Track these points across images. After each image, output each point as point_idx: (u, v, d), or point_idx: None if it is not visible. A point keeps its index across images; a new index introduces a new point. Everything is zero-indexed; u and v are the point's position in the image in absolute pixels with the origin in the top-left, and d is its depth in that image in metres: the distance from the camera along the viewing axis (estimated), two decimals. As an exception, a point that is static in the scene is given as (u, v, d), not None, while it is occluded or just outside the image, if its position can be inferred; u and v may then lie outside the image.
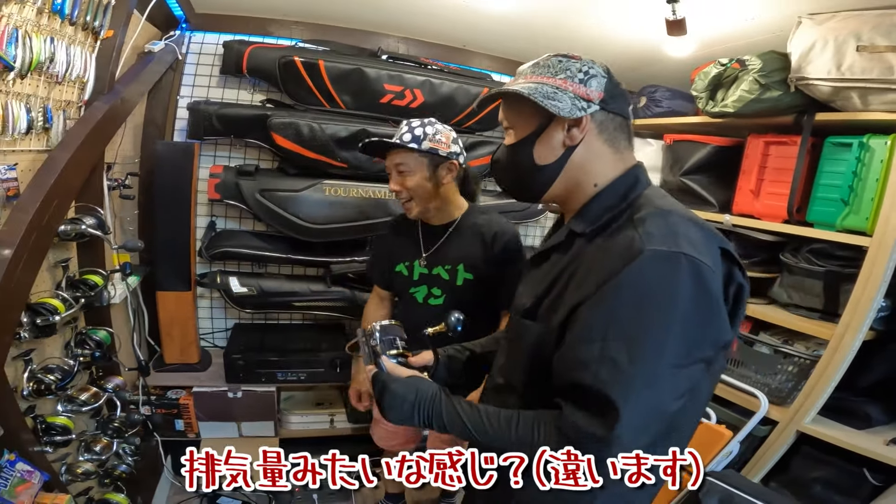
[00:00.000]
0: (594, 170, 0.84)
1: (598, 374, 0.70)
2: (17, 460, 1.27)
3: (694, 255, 0.69)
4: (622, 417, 0.69)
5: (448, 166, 1.45)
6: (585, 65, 0.83)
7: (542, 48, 0.96)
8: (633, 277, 0.70)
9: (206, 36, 2.10)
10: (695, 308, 0.70)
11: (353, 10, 2.10)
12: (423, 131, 1.41)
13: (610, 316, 0.72)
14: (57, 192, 1.26)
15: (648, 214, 0.76)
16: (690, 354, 0.72)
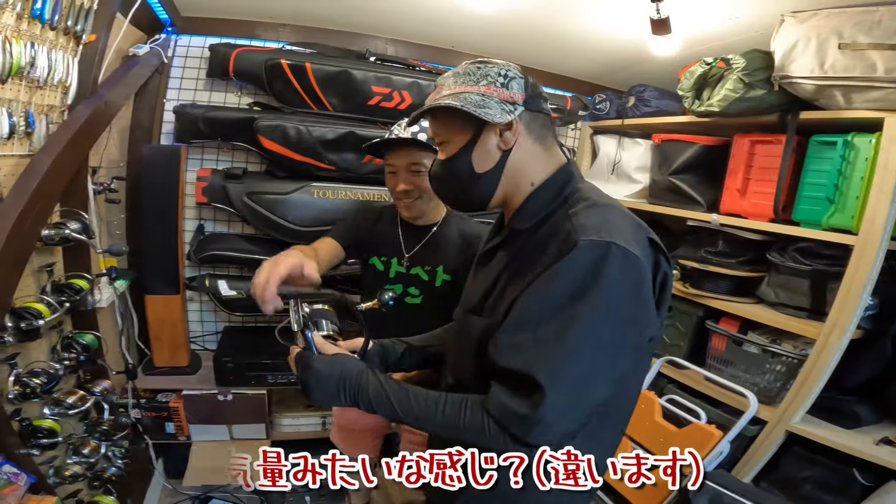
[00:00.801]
0: (529, 169, 0.87)
1: (527, 358, 0.74)
2: (3, 462, 1.27)
3: (623, 245, 0.73)
4: (546, 398, 0.71)
5: None
6: (503, 68, 0.85)
7: (529, 48, 0.98)
8: (566, 266, 0.74)
9: (192, 39, 2.11)
10: (623, 295, 0.74)
11: (340, 12, 2.10)
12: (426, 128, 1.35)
13: (543, 303, 0.75)
14: (39, 196, 1.26)
15: (582, 208, 0.80)
16: (619, 340, 0.75)
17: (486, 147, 0.85)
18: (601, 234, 0.73)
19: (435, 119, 0.90)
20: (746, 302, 1.79)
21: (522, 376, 0.74)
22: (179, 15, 2.04)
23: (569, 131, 2.68)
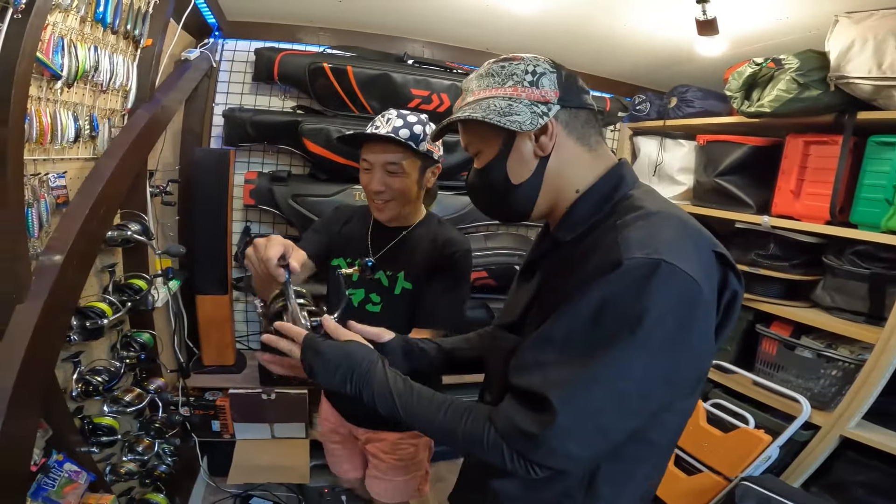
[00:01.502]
0: (573, 174, 0.77)
1: (545, 377, 0.67)
2: (65, 461, 1.30)
3: (675, 263, 0.62)
4: (556, 421, 0.64)
5: (433, 170, 1.31)
6: (530, 64, 0.75)
7: (565, 49, 0.95)
8: (606, 284, 0.64)
9: (237, 43, 2.15)
10: (667, 322, 0.63)
11: (377, 16, 2.12)
12: (423, 130, 1.22)
13: (573, 321, 0.67)
14: (104, 199, 1.29)
15: (632, 218, 0.69)
16: (653, 373, 0.65)
17: (522, 155, 0.76)
18: (649, 251, 0.63)
19: (464, 127, 0.82)
20: (800, 306, 1.76)
21: (536, 395, 0.67)
22: (226, 19, 2.08)
23: (608, 133, 2.66)
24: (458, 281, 1.27)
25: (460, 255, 1.27)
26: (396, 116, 1.22)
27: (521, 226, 2.45)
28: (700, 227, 0.72)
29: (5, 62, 1.00)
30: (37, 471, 1.22)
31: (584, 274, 0.67)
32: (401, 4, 1.96)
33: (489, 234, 2.33)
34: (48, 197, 1.20)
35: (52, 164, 1.25)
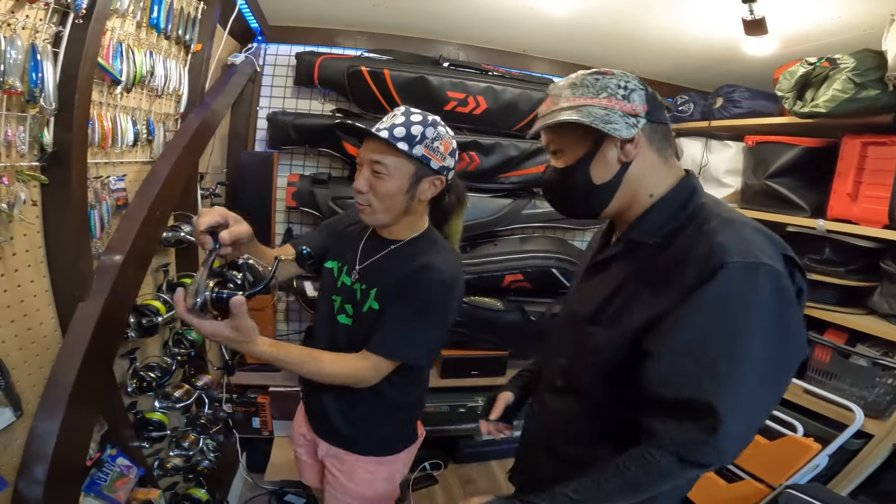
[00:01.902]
0: (649, 181, 0.86)
1: (700, 384, 0.72)
2: (118, 455, 1.34)
3: (771, 264, 0.71)
4: (724, 425, 0.70)
5: (433, 181, 1.13)
6: (622, 79, 0.83)
7: (602, 49, 0.96)
8: (719, 290, 0.71)
9: (279, 48, 2.19)
10: (778, 317, 0.71)
11: (413, 19, 2.13)
12: (423, 132, 1.07)
13: (700, 331, 0.73)
14: (160, 201, 1.34)
15: (717, 225, 0.77)
16: (780, 364, 0.74)
17: (606, 159, 0.84)
18: (747, 255, 0.71)
19: (550, 128, 0.88)
20: (856, 313, 1.69)
21: (692, 404, 0.73)
22: (268, 24, 2.12)
23: None
24: (421, 312, 1.10)
25: (431, 283, 1.09)
26: (402, 114, 1.10)
27: (559, 228, 2.42)
28: (771, 232, 0.79)
29: (68, 67, 1.04)
30: (91, 465, 1.26)
31: (685, 279, 0.74)
32: (435, 7, 1.97)
33: (525, 238, 2.33)
34: (109, 199, 1.24)
35: (113, 167, 1.29)
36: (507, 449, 2.59)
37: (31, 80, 0.95)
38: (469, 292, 2.25)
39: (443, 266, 1.11)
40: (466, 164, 2.13)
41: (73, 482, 1.16)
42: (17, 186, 0.98)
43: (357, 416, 1.23)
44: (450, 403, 2.36)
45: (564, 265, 2.25)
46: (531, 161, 2.19)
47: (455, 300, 1.14)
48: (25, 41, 0.93)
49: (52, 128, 1.04)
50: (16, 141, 0.97)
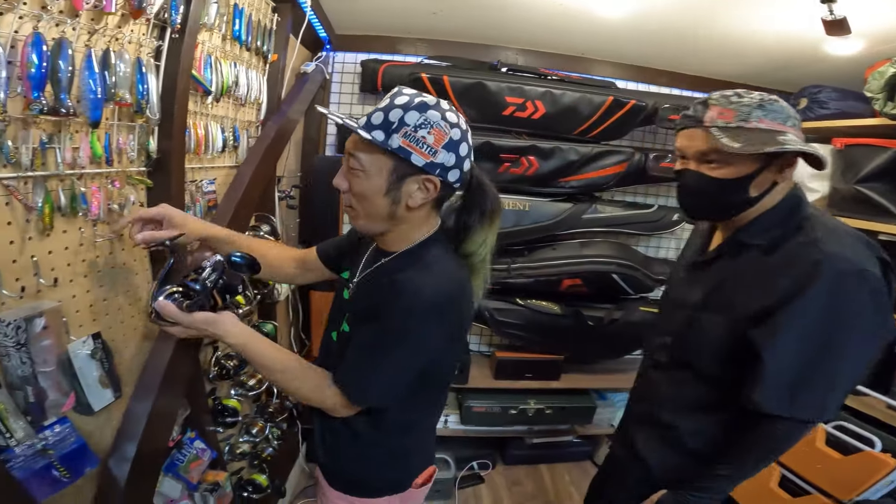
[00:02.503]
0: None
1: (808, 371, 0.89)
2: (196, 438, 1.44)
3: (871, 270, 0.84)
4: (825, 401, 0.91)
5: (422, 183, 0.90)
6: (791, 108, 0.94)
7: (669, 51, 0.98)
8: (826, 290, 0.85)
9: (346, 56, 2.29)
10: (875, 320, 0.85)
11: (471, 26, 2.17)
12: (401, 118, 0.86)
13: (810, 325, 0.87)
14: (244, 203, 1.44)
15: (824, 235, 0.90)
16: (868, 356, 0.89)
17: (765, 177, 0.95)
18: (850, 262, 0.85)
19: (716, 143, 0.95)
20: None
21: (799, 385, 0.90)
22: (335, 33, 2.22)
23: None
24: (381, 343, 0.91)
25: (398, 309, 0.89)
26: (390, 96, 0.90)
27: (622, 233, 2.39)
28: (868, 239, 0.92)
29: (168, 79, 1.14)
30: (172, 447, 1.36)
31: (796, 281, 0.88)
32: (491, 15, 2.00)
33: (585, 242, 2.32)
34: (202, 201, 1.35)
35: (205, 171, 1.40)
36: (557, 454, 2.59)
37: (138, 93, 1.05)
38: (525, 295, 2.26)
39: (420, 287, 0.89)
40: (525, 169, 2.14)
41: (157, 462, 1.25)
42: (128, 189, 1.09)
43: (332, 446, 1.08)
44: (502, 405, 2.38)
45: (626, 270, 2.22)
46: (592, 165, 2.18)
47: (435, 327, 0.90)
48: (132, 55, 1.02)
49: (156, 136, 1.15)
50: (126, 148, 1.07)
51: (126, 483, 1.07)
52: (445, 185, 0.91)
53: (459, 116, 0.90)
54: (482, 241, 0.98)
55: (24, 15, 0.79)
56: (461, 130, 0.89)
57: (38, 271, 0.88)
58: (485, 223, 0.97)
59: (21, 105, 0.81)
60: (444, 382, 1.12)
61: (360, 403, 0.97)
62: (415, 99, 0.87)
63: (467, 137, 0.91)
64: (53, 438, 0.94)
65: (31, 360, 0.86)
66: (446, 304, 0.91)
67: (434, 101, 0.88)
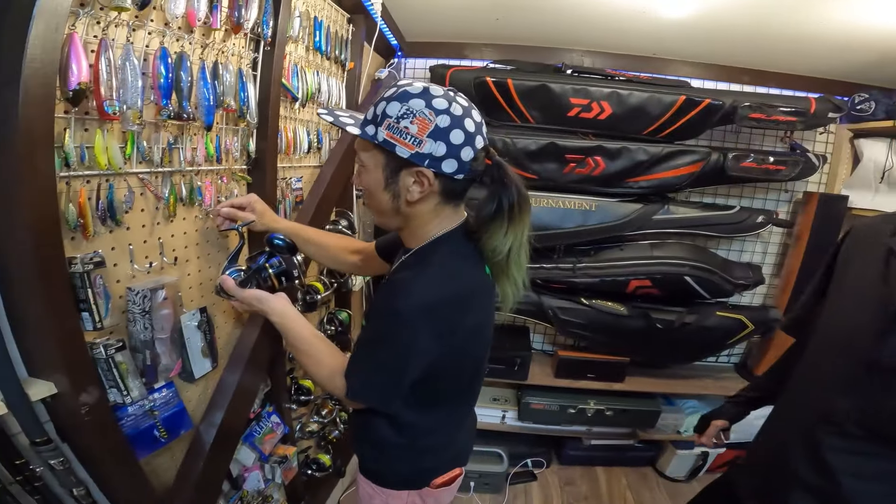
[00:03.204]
0: None
1: None
2: (273, 413, 1.57)
3: None
4: None
5: (417, 176, 0.87)
6: None
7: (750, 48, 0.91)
8: None
9: (416, 62, 2.41)
10: None
11: (534, 30, 2.19)
12: (384, 109, 0.85)
13: None
14: (326, 199, 1.57)
15: None
16: None
17: None
18: None
19: None
20: None
21: None
22: (405, 41, 2.33)
23: (816, 136, 2.38)
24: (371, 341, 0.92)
25: (386, 310, 0.89)
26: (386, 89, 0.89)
27: (699, 235, 2.31)
28: None
29: (263, 87, 1.28)
30: (252, 419, 1.49)
31: None
32: (553, 18, 2.01)
33: (656, 244, 2.27)
34: (290, 196, 1.49)
35: (294, 170, 1.55)
36: (616, 457, 2.55)
37: (240, 100, 1.20)
38: (590, 295, 2.26)
39: (410, 289, 0.86)
40: (591, 169, 2.14)
41: (238, 430, 1.39)
42: (232, 184, 1.24)
43: (356, 433, 1.11)
44: (560, 403, 2.38)
45: (701, 273, 2.15)
46: (662, 165, 2.13)
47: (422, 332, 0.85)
48: (234, 66, 1.17)
49: (254, 138, 1.29)
50: (231, 149, 1.22)
51: (211, 447, 1.21)
52: (442, 176, 0.86)
53: (453, 102, 0.84)
54: (502, 237, 0.88)
55: (152, 31, 0.94)
56: (452, 117, 0.83)
57: (163, 251, 1.03)
58: (504, 217, 0.88)
59: (153, 111, 0.97)
60: (454, 387, 1.01)
61: (353, 399, 0.94)
62: (400, 89, 0.85)
63: (462, 124, 0.84)
64: (160, 401, 1.08)
65: (152, 327, 1.01)
66: (436, 308, 0.85)
67: (419, 90, 0.84)
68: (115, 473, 0.96)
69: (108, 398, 0.94)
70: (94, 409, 0.88)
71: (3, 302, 0.77)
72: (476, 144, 0.87)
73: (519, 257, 0.92)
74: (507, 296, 0.96)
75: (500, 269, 0.93)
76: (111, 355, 0.92)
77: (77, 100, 0.77)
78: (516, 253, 0.91)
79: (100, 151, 0.83)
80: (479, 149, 0.87)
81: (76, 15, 0.78)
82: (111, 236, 0.92)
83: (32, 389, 0.82)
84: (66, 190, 0.81)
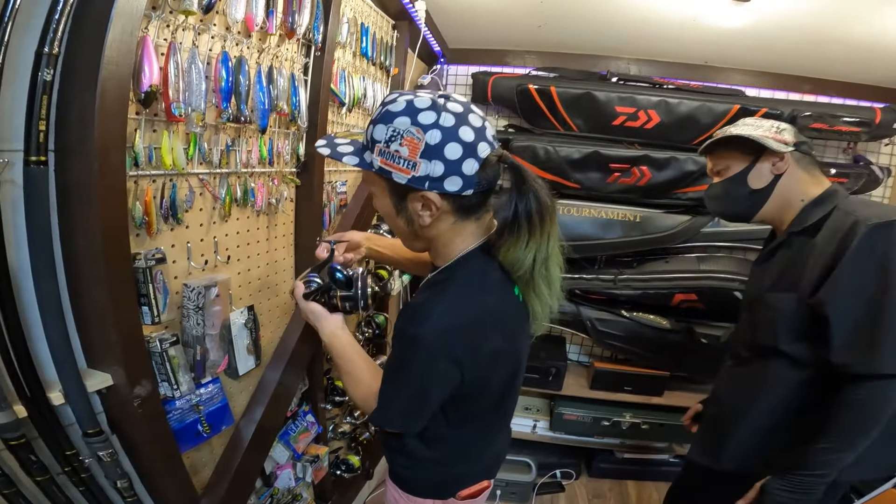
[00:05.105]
0: None
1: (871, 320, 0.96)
2: (309, 412, 1.58)
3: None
4: None
5: (419, 199, 0.80)
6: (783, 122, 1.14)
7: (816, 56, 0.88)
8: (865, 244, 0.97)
9: (458, 68, 2.41)
10: None
11: (578, 38, 2.16)
12: (372, 134, 0.79)
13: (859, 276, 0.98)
14: (368, 204, 1.58)
15: (857, 207, 1.04)
16: None
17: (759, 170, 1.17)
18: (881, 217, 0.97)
19: None
20: None
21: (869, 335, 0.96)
22: (448, 47, 2.35)
23: (881, 147, 2.25)
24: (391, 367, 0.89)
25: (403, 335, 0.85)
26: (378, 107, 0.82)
27: (750, 249, 2.23)
28: None
29: (313, 92, 1.31)
30: (289, 417, 1.50)
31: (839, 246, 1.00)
32: (600, 26, 1.97)
33: (703, 256, 2.19)
34: (335, 199, 1.51)
35: (339, 174, 1.57)
36: (649, 471, 2.47)
37: (292, 104, 1.22)
38: (631, 307, 2.20)
39: (427, 315, 0.81)
40: (636, 179, 2.09)
41: (276, 428, 1.40)
42: (282, 187, 1.27)
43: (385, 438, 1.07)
44: (594, 415, 2.32)
45: None
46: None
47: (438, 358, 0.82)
48: (287, 71, 1.19)
49: (304, 142, 1.32)
50: (283, 152, 1.25)
51: (249, 443, 1.23)
52: (448, 196, 0.79)
53: (442, 112, 0.75)
54: (522, 248, 0.80)
55: (214, 35, 0.97)
56: (443, 130, 0.74)
57: (217, 249, 1.06)
58: (523, 227, 0.79)
59: (214, 114, 1.00)
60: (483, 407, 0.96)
61: (377, 425, 0.94)
62: (384, 108, 0.78)
63: (456, 135, 0.75)
64: (206, 396, 1.10)
65: (204, 323, 1.04)
66: (452, 334, 0.80)
67: (402, 106, 0.76)
68: (158, 466, 0.98)
69: (159, 391, 0.97)
70: (146, 401, 0.90)
71: (70, 294, 0.80)
72: (479, 153, 0.77)
73: (547, 271, 0.85)
74: (535, 313, 0.90)
75: (526, 284, 0.86)
76: (165, 349, 0.95)
77: (148, 102, 0.80)
78: (542, 266, 0.83)
79: (166, 152, 0.86)
80: (483, 157, 0.78)
81: (148, 18, 0.81)
82: (172, 234, 0.95)
83: (90, 381, 0.85)
84: (134, 188, 0.84)
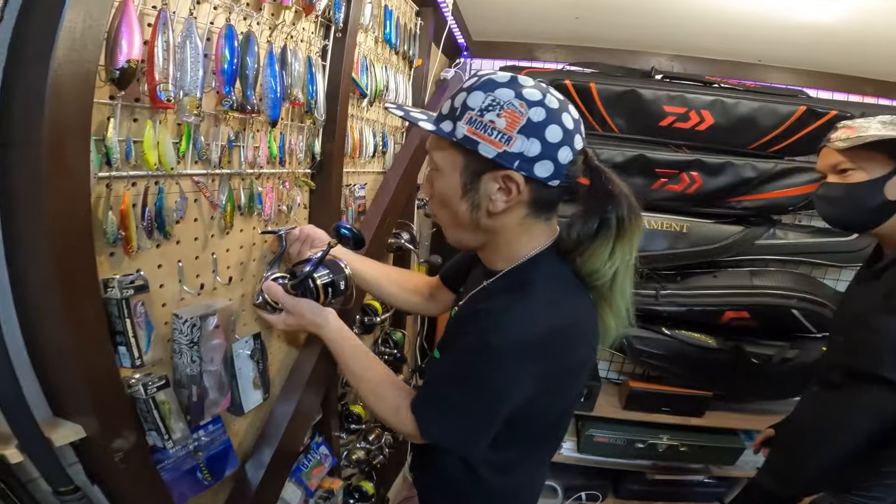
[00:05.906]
0: None
1: None
2: (322, 444, 1.41)
3: None
4: None
5: (501, 180, 0.73)
6: None
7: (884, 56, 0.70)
8: None
9: (483, 63, 2.23)
10: None
11: (617, 31, 1.99)
12: (464, 101, 0.72)
13: None
14: (390, 210, 1.40)
15: None
16: None
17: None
18: None
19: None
20: None
21: None
22: (472, 40, 2.17)
23: None
24: (454, 377, 0.80)
25: (475, 342, 0.75)
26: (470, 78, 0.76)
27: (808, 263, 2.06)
28: None
29: (332, 79, 1.12)
30: (301, 451, 1.33)
31: None
32: (643, 19, 1.80)
33: (757, 271, 2.00)
34: (353, 205, 1.32)
35: (357, 176, 1.38)
36: (680, 493, 2.29)
37: (308, 93, 1.03)
38: (673, 325, 2.01)
39: (508, 323, 0.72)
40: (686, 186, 1.89)
41: (287, 467, 1.24)
42: (294, 192, 1.08)
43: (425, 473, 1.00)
44: (627, 437, 2.14)
45: (811, 306, 1.86)
46: (774, 184, 1.85)
47: (521, 374, 0.73)
48: (303, 54, 1.00)
49: (320, 138, 1.13)
50: (296, 149, 1.06)
51: (257, 489, 1.06)
52: (534, 182, 0.71)
53: (547, 93, 0.71)
54: (606, 258, 0.75)
55: (217, 5, 0.78)
56: (548, 109, 0.69)
57: (216, 269, 0.87)
58: (611, 235, 0.74)
59: (213, 101, 0.80)
60: (544, 428, 0.88)
61: (429, 440, 0.82)
62: (483, 77, 0.72)
63: (559, 118, 0.70)
64: (205, 439, 0.93)
65: (200, 359, 0.85)
66: (539, 344, 0.72)
67: (506, 78, 0.71)
68: (151, 522, 0.81)
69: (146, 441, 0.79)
70: (130, 454, 0.74)
71: (22, 333, 0.61)
72: (575, 145, 0.72)
73: (624, 283, 0.79)
74: (609, 329, 0.83)
75: (602, 297, 0.80)
76: (152, 395, 0.76)
77: (125, 82, 0.61)
78: (622, 277, 0.78)
79: (149, 147, 0.67)
80: (577, 150, 0.73)
81: (133, -22, 0.62)
82: (158, 252, 0.75)
83: (57, 432, 0.68)
84: (106, 194, 0.64)
